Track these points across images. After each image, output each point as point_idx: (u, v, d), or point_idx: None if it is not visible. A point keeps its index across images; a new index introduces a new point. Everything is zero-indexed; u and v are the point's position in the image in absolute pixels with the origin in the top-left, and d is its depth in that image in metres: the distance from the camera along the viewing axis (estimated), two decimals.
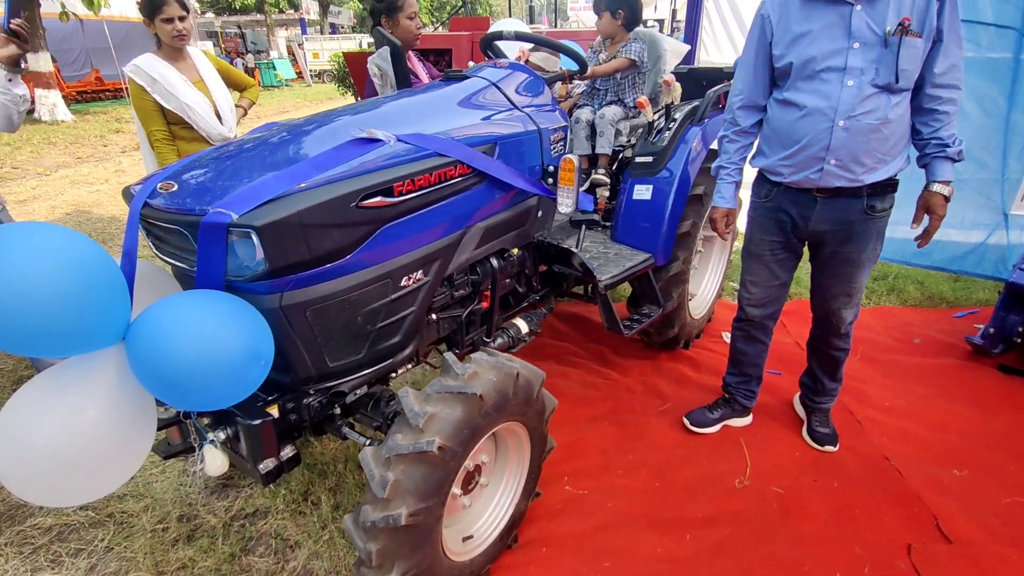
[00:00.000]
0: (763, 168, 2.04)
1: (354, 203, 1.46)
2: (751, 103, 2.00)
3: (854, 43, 1.72)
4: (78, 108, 14.18)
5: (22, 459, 1.23)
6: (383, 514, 1.39)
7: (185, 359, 1.24)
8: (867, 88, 1.74)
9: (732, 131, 2.06)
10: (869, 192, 1.88)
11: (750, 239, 2.20)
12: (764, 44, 1.91)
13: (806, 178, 1.90)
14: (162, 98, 2.65)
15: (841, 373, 2.37)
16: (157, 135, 2.72)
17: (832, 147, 1.80)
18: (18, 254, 1.12)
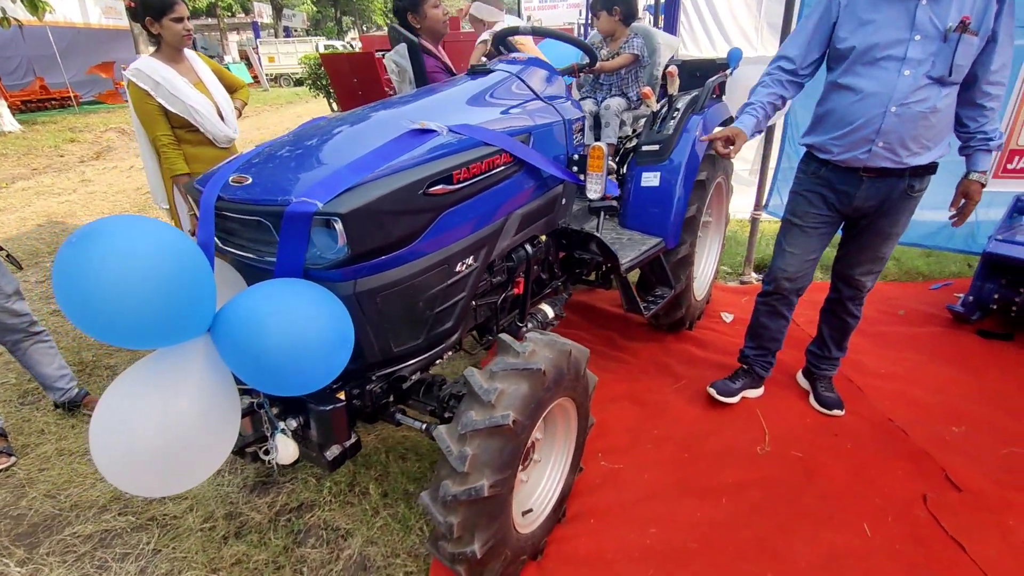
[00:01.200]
0: (813, 145, 2.16)
1: (422, 190, 1.52)
2: (795, 71, 2.10)
3: (916, 35, 1.83)
4: (24, 118, 13.52)
5: (122, 451, 1.24)
6: (464, 487, 1.46)
7: (278, 345, 1.28)
8: (922, 79, 1.85)
9: (769, 78, 2.14)
10: (911, 173, 2.03)
11: (793, 212, 2.31)
12: (827, 22, 2.00)
13: (854, 157, 2.03)
14: (167, 101, 2.62)
15: (847, 343, 2.55)
16: (163, 139, 2.68)
17: (883, 130, 1.93)
18: (124, 246, 1.14)
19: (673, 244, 2.74)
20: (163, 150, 2.68)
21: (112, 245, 1.15)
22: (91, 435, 1.24)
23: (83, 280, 1.12)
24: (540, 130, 2.04)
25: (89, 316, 1.14)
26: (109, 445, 1.23)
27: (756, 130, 2.15)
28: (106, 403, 1.26)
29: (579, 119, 2.31)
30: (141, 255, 1.16)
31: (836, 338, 2.52)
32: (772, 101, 2.16)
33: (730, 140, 2.10)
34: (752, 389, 2.64)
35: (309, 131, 1.74)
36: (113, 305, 1.14)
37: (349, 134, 1.68)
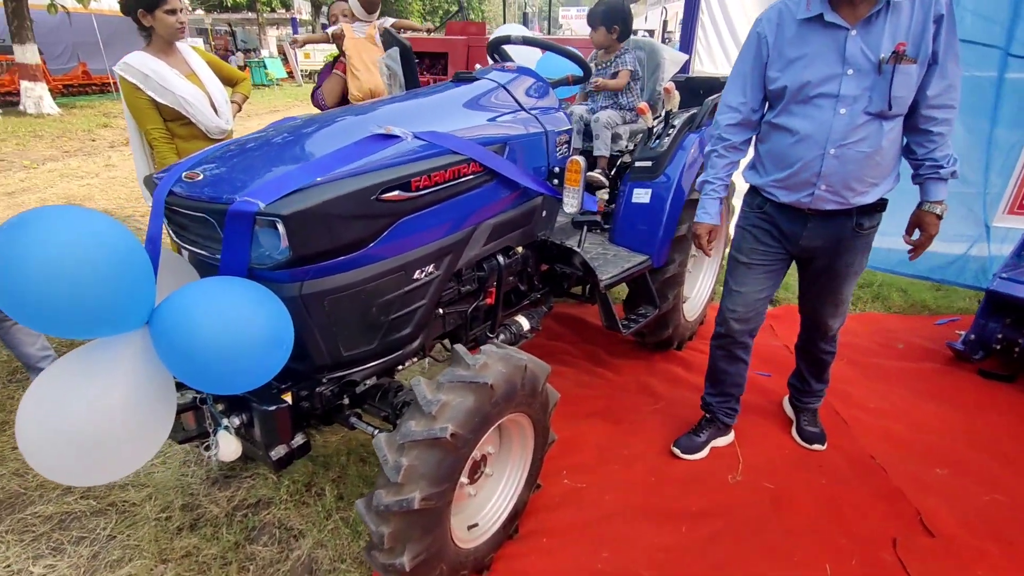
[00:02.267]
0: (756, 185, 2.06)
1: (374, 196, 1.51)
2: (744, 121, 1.98)
3: (848, 70, 1.71)
4: (64, 101, 13.99)
5: (48, 440, 1.25)
6: (396, 498, 1.44)
7: (211, 343, 1.28)
8: (859, 116, 1.73)
9: (721, 146, 2.02)
10: (858, 212, 1.90)
11: (739, 248, 2.16)
12: (759, 63, 1.88)
13: (797, 201, 1.92)
14: (156, 94, 2.63)
15: (827, 375, 2.45)
16: (154, 133, 2.70)
17: (823, 173, 1.81)
18: (53, 235, 1.15)
19: (660, 263, 2.69)
20: (155, 144, 2.71)
21: (41, 234, 1.16)
22: (18, 418, 1.25)
23: (11, 268, 1.13)
24: (517, 141, 2.02)
25: (18, 304, 1.15)
26: (34, 429, 1.24)
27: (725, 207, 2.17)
28: (36, 389, 1.27)
29: (565, 131, 2.29)
30: (70, 245, 1.17)
31: (814, 372, 2.43)
32: (729, 172, 2.08)
33: (711, 237, 2.16)
34: (720, 438, 2.49)
35: (276, 130, 1.74)
36: (41, 294, 1.14)
37: (313, 136, 1.68)
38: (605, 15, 2.86)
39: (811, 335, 2.31)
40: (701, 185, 2.13)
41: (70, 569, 1.91)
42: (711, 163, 2.08)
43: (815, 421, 2.52)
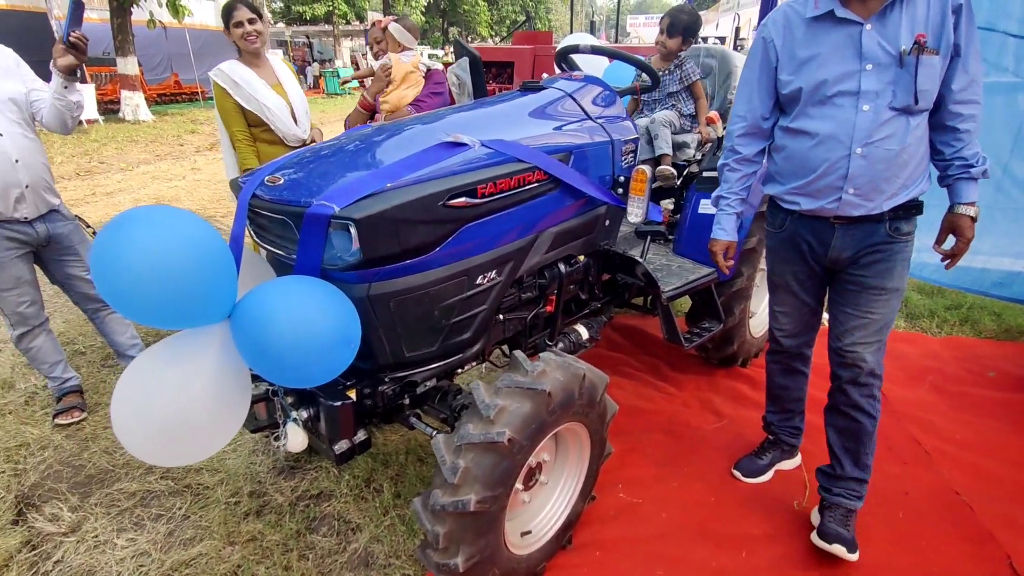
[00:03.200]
0: (776, 196, 1.94)
1: (442, 202, 1.55)
2: (754, 130, 1.88)
3: (867, 65, 1.61)
4: (157, 109, 15.13)
5: (139, 422, 1.35)
6: (452, 499, 1.46)
7: (286, 338, 1.34)
8: (884, 112, 1.62)
9: (733, 159, 1.94)
10: (891, 215, 1.74)
11: (772, 270, 2.07)
12: (768, 68, 1.79)
13: (821, 208, 1.77)
14: (243, 100, 2.81)
15: (867, 457, 1.94)
16: (238, 136, 2.88)
17: (850, 175, 1.68)
18: (152, 232, 1.25)
19: (727, 276, 2.61)
20: (237, 145, 2.89)
21: (142, 232, 1.25)
22: (113, 401, 1.36)
23: (113, 262, 1.23)
24: (583, 149, 2.02)
25: (117, 295, 1.25)
26: (127, 412, 1.34)
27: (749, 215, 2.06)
28: (128, 375, 1.38)
29: (631, 140, 2.26)
30: (165, 242, 1.26)
31: (849, 449, 1.95)
32: (744, 186, 1.96)
33: (728, 254, 2.03)
34: (785, 460, 2.36)
35: (350, 138, 1.82)
36: (139, 286, 1.24)
37: (385, 143, 1.74)
38: (688, 26, 2.80)
39: (840, 380, 1.91)
40: (715, 200, 2.04)
41: (149, 544, 2.05)
42: (724, 177, 2.00)
43: (846, 521, 1.93)
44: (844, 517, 1.94)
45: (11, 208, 2.34)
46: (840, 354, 1.88)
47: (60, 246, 2.57)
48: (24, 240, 2.44)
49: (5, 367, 3.18)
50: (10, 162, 2.29)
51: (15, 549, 2.03)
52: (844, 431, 1.96)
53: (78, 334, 3.54)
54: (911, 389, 2.89)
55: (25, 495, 2.29)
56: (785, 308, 2.08)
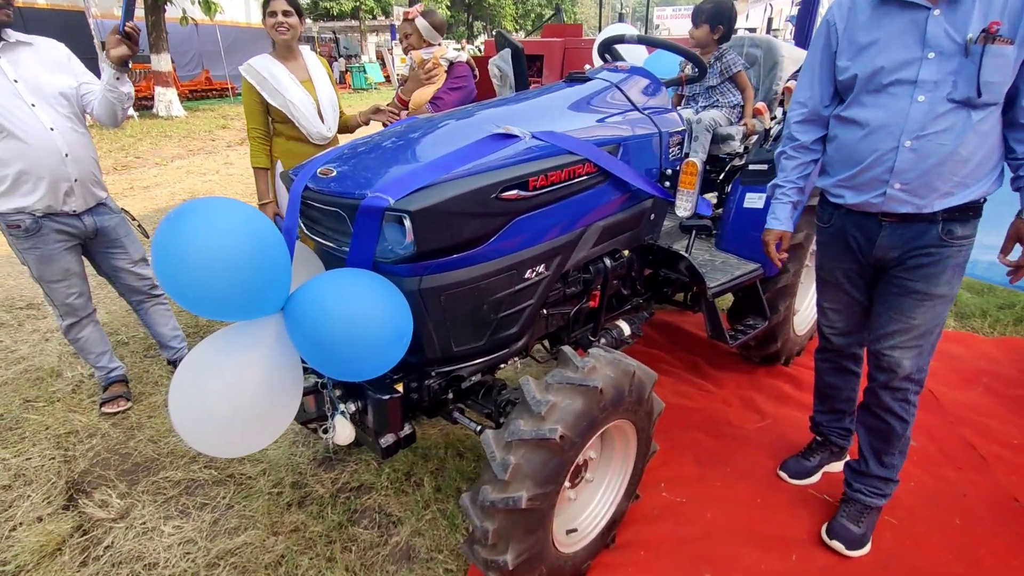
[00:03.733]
0: (824, 188, 1.87)
1: (494, 194, 1.53)
2: (813, 117, 1.82)
3: (928, 53, 1.52)
4: (189, 105, 15.41)
5: (196, 413, 1.36)
6: (503, 495, 1.44)
7: (339, 331, 1.34)
8: (941, 104, 1.52)
9: (790, 147, 1.89)
10: (945, 217, 1.63)
11: (820, 266, 2.00)
12: (828, 53, 1.73)
13: (867, 202, 1.69)
14: (269, 95, 2.79)
15: (893, 458, 1.91)
16: (253, 132, 2.87)
17: (897, 170, 1.60)
18: (212, 224, 1.25)
19: (773, 272, 2.55)
20: (251, 142, 2.89)
21: (201, 223, 1.26)
22: (170, 393, 1.37)
23: (173, 252, 1.24)
24: (631, 141, 1.97)
25: (177, 284, 1.26)
26: (183, 404, 1.35)
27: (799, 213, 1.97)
28: (186, 366, 1.38)
29: (678, 132, 2.21)
30: (225, 233, 1.26)
31: (876, 448, 1.92)
32: (802, 174, 1.90)
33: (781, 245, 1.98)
34: (835, 463, 2.28)
35: (399, 130, 1.80)
36: (197, 276, 1.24)
37: (435, 135, 1.72)
38: (713, 13, 2.73)
39: (875, 381, 1.85)
40: (771, 189, 1.99)
41: (194, 532, 2.08)
42: (781, 165, 1.95)
43: (859, 517, 1.95)
44: (859, 513, 1.95)
45: (60, 201, 2.38)
46: (876, 356, 1.82)
47: (107, 239, 2.61)
48: (72, 233, 2.48)
49: (53, 356, 3.26)
50: (60, 156, 2.33)
51: (67, 533, 2.07)
52: (873, 430, 1.92)
53: (121, 325, 3.61)
54: (964, 391, 2.79)
55: (75, 481, 2.34)
56: (835, 305, 2.01)
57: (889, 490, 1.96)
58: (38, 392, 2.94)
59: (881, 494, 1.95)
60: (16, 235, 2.38)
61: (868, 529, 1.94)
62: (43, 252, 2.43)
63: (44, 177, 2.31)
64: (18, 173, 2.27)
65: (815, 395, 2.27)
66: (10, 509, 2.21)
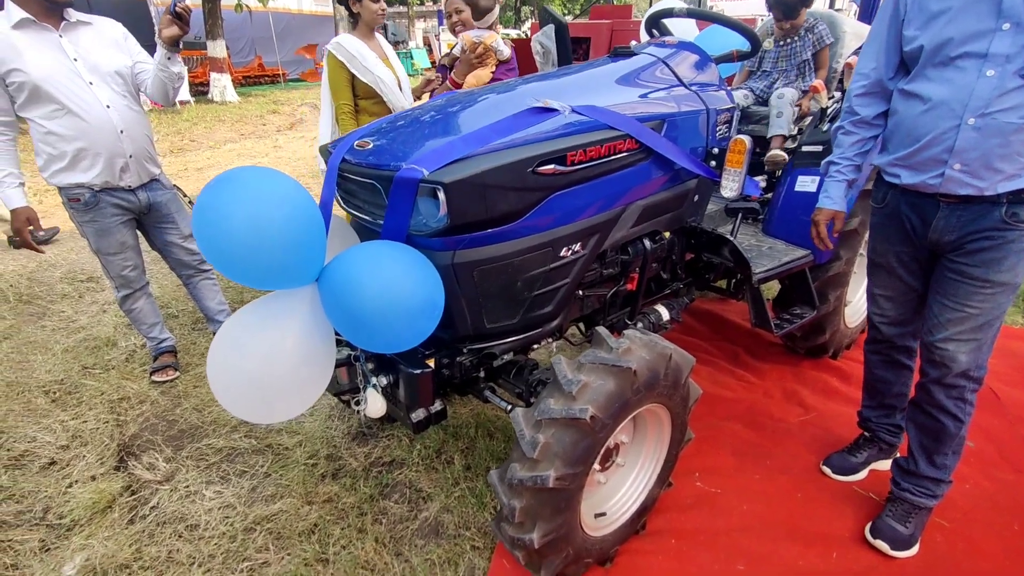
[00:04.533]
0: (880, 167, 1.76)
1: (531, 168, 1.49)
2: (875, 89, 1.71)
3: (1004, 24, 1.40)
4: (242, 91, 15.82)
5: (232, 379, 1.39)
6: (531, 473, 1.42)
7: (371, 302, 1.34)
8: (1012, 79, 1.41)
9: (849, 121, 1.78)
10: (1010, 199, 1.51)
11: (872, 249, 1.90)
12: (896, 22, 1.62)
13: (923, 183, 1.59)
14: (359, 72, 2.90)
15: (945, 458, 1.80)
16: (344, 108, 2.97)
17: (958, 149, 1.49)
18: (254, 191, 1.26)
19: (824, 260, 2.43)
20: (341, 117, 2.99)
21: (240, 190, 1.27)
22: (208, 357, 1.40)
23: (213, 219, 1.26)
24: (676, 118, 1.90)
25: (216, 248, 1.28)
26: (221, 368, 1.38)
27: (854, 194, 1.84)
28: (223, 333, 1.41)
29: (727, 110, 2.12)
30: (262, 201, 1.28)
31: (926, 447, 1.81)
32: (860, 151, 1.79)
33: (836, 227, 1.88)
34: (883, 460, 2.17)
35: (439, 104, 1.79)
36: (234, 241, 1.26)
37: (473, 109, 1.70)
38: None
39: (927, 376, 1.75)
40: (825, 167, 1.88)
41: (234, 497, 2.14)
42: (837, 141, 1.84)
43: (908, 519, 1.84)
44: (907, 513, 1.86)
45: (117, 177, 2.48)
46: (930, 349, 1.72)
47: (159, 214, 2.71)
48: (127, 207, 2.58)
49: (109, 327, 3.42)
50: (116, 133, 2.42)
51: (117, 492, 2.18)
52: (924, 429, 1.82)
53: (172, 299, 3.76)
54: None
55: (126, 444, 2.45)
56: (886, 291, 1.90)
57: (940, 491, 1.85)
58: (95, 360, 3.09)
59: (931, 495, 1.85)
60: (76, 208, 2.49)
61: (916, 530, 1.84)
62: (100, 225, 2.54)
63: (101, 153, 2.40)
64: (77, 150, 2.37)
65: (864, 389, 2.17)
66: (67, 467, 2.34)
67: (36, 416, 2.64)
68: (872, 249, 1.91)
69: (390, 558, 1.87)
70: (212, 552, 1.93)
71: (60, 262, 4.42)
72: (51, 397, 2.79)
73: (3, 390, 2.82)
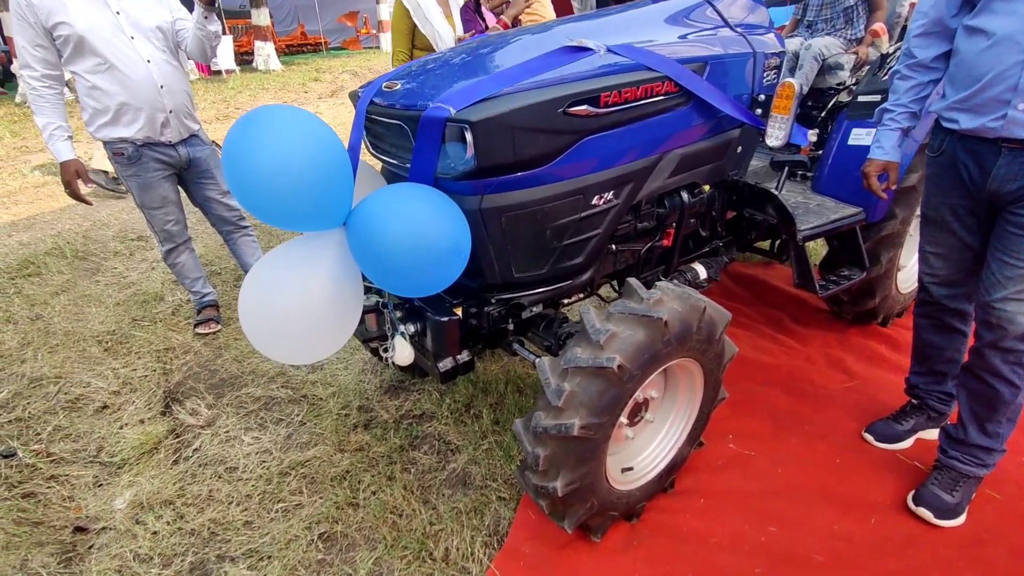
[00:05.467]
0: (938, 113, 1.61)
1: (562, 109, 1.43)
2: (936, 28, 1.57)
3: None
4: (285, 60, 15.98)
5: (262, 319, 1.41)
6: (556, 422, 1.40)
7: (397, 245, 1.33)
8: None
9: (906, 64, 1.65)
10: None
11: (926, 202, 1.77)
12: None
13: (983, 126, 1.47)
14: (420, 23, 2.91)
15: (998, 426, 1.69)
16: (400, 56, 3.01)
17: (1021, 87, 1.37)
18: (282, 130, 1.25)
19: (876, 217, 2.29)
20: (395, 64, 3.00)
21: (267, 129, 1.26)
22: (240, 299, 1.42)
23: (241, 156, 1.26)
24: (719, 60, 1.79)
25: (244, 187, 1.28)
26: (252, 309, 1.40)
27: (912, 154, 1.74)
28: (254, 273, 1.43)
29: (775, 54, 1.99)
30: (289, 140, 1.26)
31: (978, 414, 1.70)
32: (916, 97, 1.65)
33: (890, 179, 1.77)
34: (930, 429, 2.05)
35: (472, 46, 1.74)
36: (261, 181, 1.26)
37: (506, 49, 1.64)
38: None
39: (982, 340, 1.63)
40: (879, 114, 1.76)
41: (271, 443, 2.21)
42: (893, 87, 1.71)
43: (953, 485, 1.75)
44: (953, 481, 1.76)
45: (158, 132, 2.53)
46: (986, 310, 1.60)
47: (199, 169, 2.76)
48: (168, 162, 2.64)
49: (157, 283, 3.56)
50: (156, 88, 2.46)
51: (163, 435, 2.28)
52: (976, 395, 1.70)
53: (215, 257, 3.87)
54: None
55: (171, 391, 2.56)
56: (939, 248, 1.76)
57: (992, 460, 1.75)
58: (144, 313, 3.22)
59: (981, 463, 1.74)
60: (120, 163, 2.57)
61: (963, 499, 1.75)
62: (143, 180, 2.61)
63: (143, 108, 2.46)
64: (120, 104, 2.42)
65: (912, 354, 2.05)
66: (119, 411, 2.46)
67: (90, 363, 2.78)
68: (925, 202, 1.78)
69: (418, 505, 1.90)
70: (249, 492, 2.00)
71: (112, 222, 4.61)
72: (104, 346, 2.92)
73: (61, 339, 2.97)
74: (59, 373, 2.72)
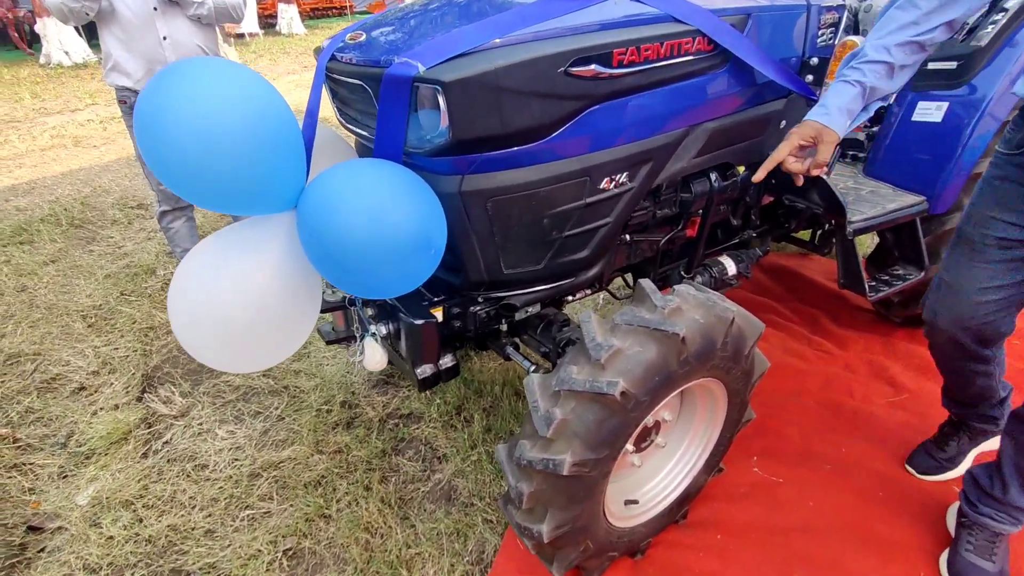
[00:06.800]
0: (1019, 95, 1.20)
1: (562, 68, 1.14)
2: None
3: None
4: (310, 24, 15.67)
5: (196, 321, 1.18)
6: (542, 455, 1.15)
7: (349, 236, 1.07)
8: None
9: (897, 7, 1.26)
10: None
11: (969, 216, 1.34)
12: None
13: None
14: None
15: None
16: None
17: None
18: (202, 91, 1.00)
19: (941, 209, 1.95)
20: None
21: (188, 86, 1.01)
22: (169, 298, 1.19)
23: (156, 122, 1.01)
24: (766, 14, 1.47)
25: (160, 159, 1.04)
26: (182, 314, 1.17)
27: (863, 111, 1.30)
28: (187, 263, 1.20)
29: (834, 8, 1.65)
30: (216, 101, 1.01)
31: (1022, 470, 1.36)
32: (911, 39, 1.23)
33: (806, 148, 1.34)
34: (983, 443, 1.74)
35: None
36: (182, 151, 1.01)
37: None
38: None
39: None
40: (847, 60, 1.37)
41: (244, 439, 2.03)
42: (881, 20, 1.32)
43: (992, 552, 1.43)
44: (989, 543, 1.44)
45: None
46: None
47: None
48: None
49: (151, 255, 3.39)
50: (157, 38, 2.35)
51: (134, 424, 2.12)
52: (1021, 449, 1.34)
53: (213, 229, 3.68)
54: None
55: (148, 375, 2.39)
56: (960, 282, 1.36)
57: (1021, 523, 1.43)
58: (133, 287, 3.06)
59: (1016, 522, 1.42)
60: (124, 111, 2.51)
61: (1003, 564, 1.43)
62: None
63: (141, 58, 2.36)
64: (120, 51, 2.34)
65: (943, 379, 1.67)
66: (95, 394, 2.31)
67: (72, 340, 2.63)
68: (967, 217, 1.36)
69: (395, 522, 1.69)
70: (215, 496, 1.83)
71: (114, 188, 4.46)
72: (88, 322, 2.77)
73: (44, 313, 2.83)
74: (38, 350, 2.58)
